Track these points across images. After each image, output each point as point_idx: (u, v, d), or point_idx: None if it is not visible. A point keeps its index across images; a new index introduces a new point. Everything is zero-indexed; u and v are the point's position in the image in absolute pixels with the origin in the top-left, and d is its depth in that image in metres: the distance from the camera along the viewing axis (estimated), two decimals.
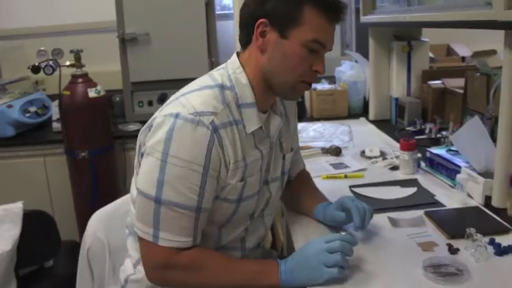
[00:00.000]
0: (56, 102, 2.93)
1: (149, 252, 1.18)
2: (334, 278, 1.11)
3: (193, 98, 1.18)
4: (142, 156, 1.20)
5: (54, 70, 2.77)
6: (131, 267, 1.35)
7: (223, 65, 1.29)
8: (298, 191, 1.52)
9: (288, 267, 1.15)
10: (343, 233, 1.20)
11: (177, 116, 1.14)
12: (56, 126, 3.05)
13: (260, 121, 1.25)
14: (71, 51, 2.81)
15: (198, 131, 1.13)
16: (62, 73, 2.75)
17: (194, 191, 1.14)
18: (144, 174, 1.17)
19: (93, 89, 2.79)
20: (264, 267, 1.19)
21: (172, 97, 1.23)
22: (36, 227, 2.20)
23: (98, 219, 1.52)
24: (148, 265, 1.19)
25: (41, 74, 2.83)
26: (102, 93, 2.84)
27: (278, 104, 1.35)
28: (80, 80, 2.78)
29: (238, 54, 1.28)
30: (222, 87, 1.22)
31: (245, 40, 1.26)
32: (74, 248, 2.60)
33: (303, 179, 1.58)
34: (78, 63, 2.80)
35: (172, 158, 1.12)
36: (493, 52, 2.40)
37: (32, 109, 3.12)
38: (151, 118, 1.21)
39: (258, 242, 1.41)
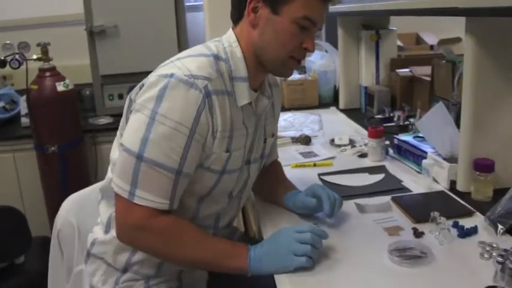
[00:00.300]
0: (25, 97, 2.89)
1: (124, 212, 1.16)
2: (303, 266, 1.12)
3: (188, 62, 1.19)
4: (131, 113, 1.19)
5: (20, 64, 2.73)
6: (100, 232, 1.34)
7: (217, 38, 1.30)
8: (270, 180, 1.53)
9: (257, 255, 1.16)
10: (314, 225, 1.21)
11: (171, 76, 1.14)
12: (25, 121, 3.00)
13: (250, 97, 1.26)
14: (38, 45, 2.76)
15: (191, 93, 1.13)
16: (29, 67, 2.72)
17: (177, 152, 1.14)
18: (130, 130, 1.17)
19: (62, 82, 2.75)
20: (234, 249, 1.19)
21: (167, 61, 1.23)
22: (6, 224, 2.18)
23: (70, 203, 1.52)
24: (122, 224, 1.18)
25: (8, 69, 2.78)
26: (70, 86, 2.80)
27: (267, 86, 1.37)
28: (47, 73, 2.75)
29: (233, 30, 1.29)
30: (217, 57, 1.22)
31: (237, 16, 1.27)
32: (46, 243, 2.57)
33: (276, 167, 1.59)
34: (45, 56, 2.76)
35: (160, 116, 1.12)
36: (458, 40, 2.43)
37: (0, 104, 3.08)
38: (145, 79, 1.21)
39: (229, 222, 1.41)
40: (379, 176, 1.69)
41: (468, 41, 1.42)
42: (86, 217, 1.48)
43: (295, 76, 2.90)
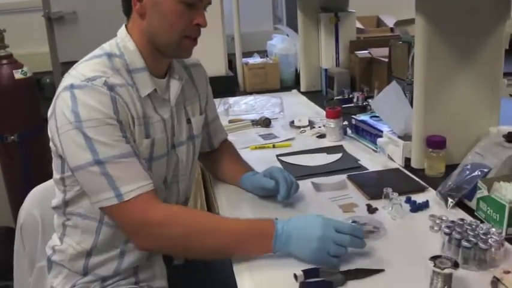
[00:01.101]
0: None
1: (124, 216, 1.14)
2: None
3: (82, 68, 1.19)
4: (60, 137, 1.16)
5: None
6: (57, 240, 1.33)
7: (114, 38, 1.30)
8: (222, 160, 1.54)
9: (284, 232, 1.09)
10: (353, 223, 1.19)
11: (71, 86, 1.14)
12: None
13: (154, 84, 1.26)
14: None
15: (97, 91, 1.14)
16: None
17: (121, 139, 1.14)
18: (71, 150, 1.15)
19: (19, 70, 2.71)
20: (257, 229, 1.13)
21: (66, 74, 1.23)
22: None
23: (34, 196, 1.51)
24: (130, 230, 1.16)
25: None
26: (29, 74, 2.76)
27: (177, 69, 1.36)
28: (4, 61, 2.70)
29: (126, 26, 1.29)
30: (110, 55, 1.23)
31: (126, 9, 1.27)
32: (9, 233, 2.55)
33: (227, 147, 1.59)
34: (1, 43, 2.71)
35: (86, 122, 1.12)
36: (413, 21, 2.46)
37: None
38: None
39: None
40: (337, 156, 1.71)
41: (419, 20, 1.45)
42: (50, 210, 1.46)
43: (257, 60, 2.92)
